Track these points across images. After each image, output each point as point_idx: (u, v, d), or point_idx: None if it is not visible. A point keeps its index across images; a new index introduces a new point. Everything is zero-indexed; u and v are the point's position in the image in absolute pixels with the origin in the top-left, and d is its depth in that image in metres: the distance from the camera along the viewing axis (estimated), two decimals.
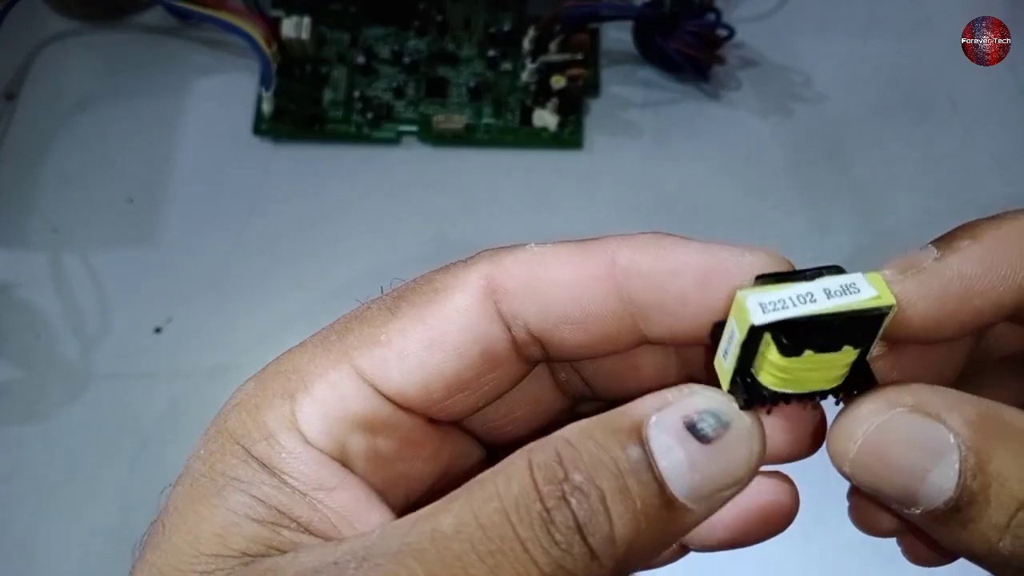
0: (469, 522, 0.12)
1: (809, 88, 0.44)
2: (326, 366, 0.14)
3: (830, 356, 0.13)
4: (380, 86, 0.43)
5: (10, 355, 0.38)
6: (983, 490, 0.12)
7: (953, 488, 0.13)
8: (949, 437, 0.13)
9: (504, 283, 0.14)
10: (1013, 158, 0.43)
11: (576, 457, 0.12)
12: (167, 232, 0.41)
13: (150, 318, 0.39)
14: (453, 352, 0.14)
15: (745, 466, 0.13)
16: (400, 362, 0.14)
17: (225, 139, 0.42)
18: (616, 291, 0.14)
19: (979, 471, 0.12)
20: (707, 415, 0.13)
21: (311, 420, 0.14)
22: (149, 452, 0.37)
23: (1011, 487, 0.12)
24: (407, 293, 0.15)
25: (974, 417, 0.13)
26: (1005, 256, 0.13)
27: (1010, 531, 0.12)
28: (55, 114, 0.43)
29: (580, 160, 0.42)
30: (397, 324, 0.14)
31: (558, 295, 0.14)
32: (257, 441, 0.14)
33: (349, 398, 0.14)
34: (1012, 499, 0.12)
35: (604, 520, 0.12)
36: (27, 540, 0.35)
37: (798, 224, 0.41)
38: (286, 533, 0.13)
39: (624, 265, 0.14)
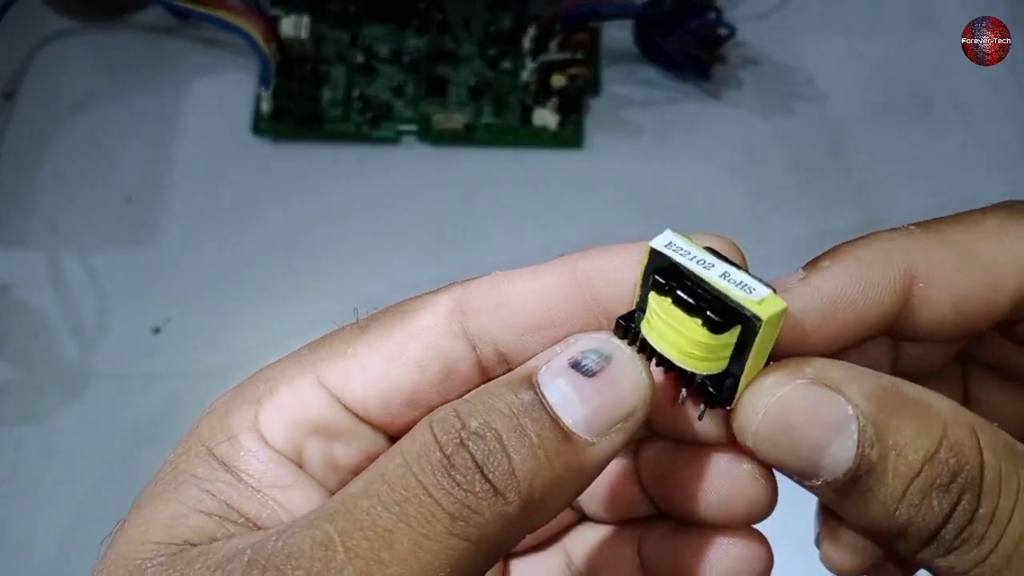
0: (375, 480, 0.12)
1: (810, 87, 0.44)
2: (292, 375, 0.15)
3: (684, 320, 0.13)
4: (379, 85, 0.43)
5: (9, 355, 0.38)
6: (881, 460, 0.13)
7: (852, 459, 0.13)
8: (848, 408, 0.13)
9: (471, 302, 0.15)
10: (1014, 157, 0.43)
11: (471, 409, 0.13)
12: (166, 232, 0.40)
13: (149, 318, 0.39)
14: (414, 366, 0.15)
15: (634, 393, 0.13)
16: (361, 373, 0.15)
17: (224, 138, 0.42)
18: (579, 295, 0.15)
19: (877, 441, 0.13)
20: (590, 352, 0.13)
21: (271, 423, 0.14)
22: (148, 452, 0.37)
23: (908, 457, 0.13)
24: (379, 315, 0.15)
25: (874, 389, 0.13)
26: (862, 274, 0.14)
27: (906, 500, 0.13)
28: (54, 113, 0.43)
29: (580, 159, 0.42)
30: (365, 340, 0.15)
31: (521, 305, 0.15)
32: (220, 442, 0.14)
33: (309, 404, 0.15)
34: (909, 468, 0.13)
35: (502, 457, 0.12)
36: (26, 540, 0.35)
37: (798, 223, 0.41)
38: (230, 527, 0.13)
39: (584, 269, 0.15)
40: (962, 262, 0.14)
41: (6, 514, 0.36)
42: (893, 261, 0.14)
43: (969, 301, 0.14)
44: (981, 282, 0.14)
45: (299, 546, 0.12)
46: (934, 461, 0.13)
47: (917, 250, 0.14)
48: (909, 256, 0.14)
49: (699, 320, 0.13)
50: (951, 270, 0.14)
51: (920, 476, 0.13)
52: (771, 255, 0.41)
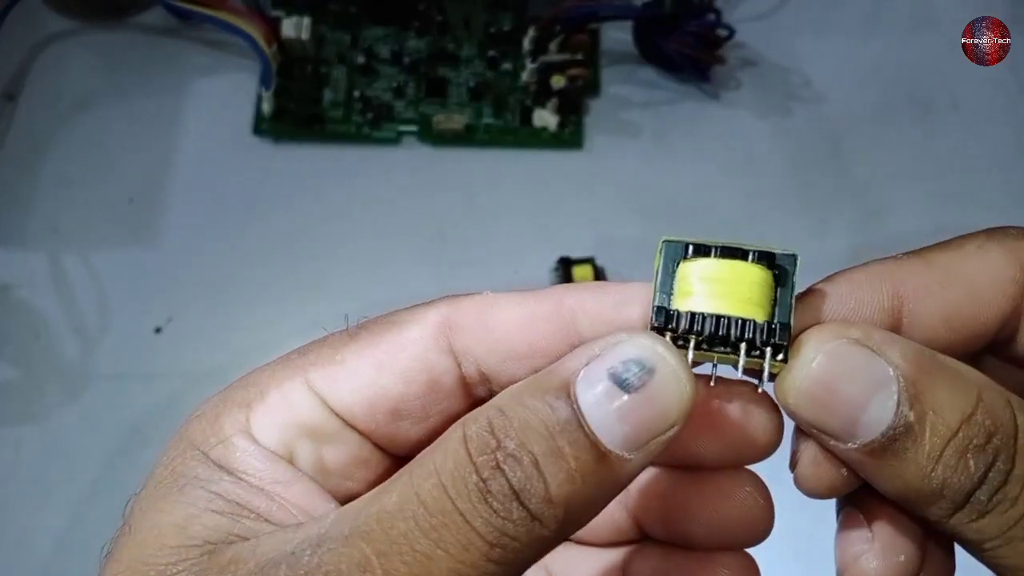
0: (411, 499, 0.12)
1: (809, 88, 0.44)
2: (282, 378, 0.15)
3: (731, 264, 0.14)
4: (380, 86, 0.43)
5: (10, 355, 0.38)
6: (919, 419, 0.13)
7: (892, 417, 0.13)
8: (889, 369, 0.13)
9: (459, 320, 0.15)
10: (1013, 157, 0.43)
11: (507, 424, 0.12)
12: (167, 232, 0.41)
13: (150, 318, 0.39)
14: (400, 376, 0.15)
15: (676, 408, 0.13)
16: (349, 379, 0.15)
17: (225, 139, 0.42)
18: (563, 329, 0.15)
19: (916, 401, 0.13)
20: (631, 363, 0.13)
21: (262, 424, 0.15)
22: (148, 452, 0.36)
23: (945, 417, 0.13)
24: (369, 324, 0.16)
25: (914, 353, 0.14)
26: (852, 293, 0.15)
27: (943, 460, 0.13)
28: (55, 114, 0.43)
29: (580, 160, 0.42)
30: (354, 347, 0.15)
31: (507, 331, 0.15)
32: (214, 445, 0.14)
33: (298, 407, 0.15)
34: (946, 428, 0.13)
35: (539, 483, 0.12)
36: (26, 540, 0.35)
37: (797, 224, 0.41)
38: (246, 522, 0.14)
39: (571, 304, 0.15)
40: (946, 279, 0.15)
41: (6, 514, 0.36)
42: (881, 281, 0.15)
43: (958, 316, 0.15)
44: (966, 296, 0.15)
45: (336, 565, 0.12)
46: (971, 422, 0.13)
47: (903, 271, 0.15)
48: (896, 276, 0.15)
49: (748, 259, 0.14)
50: (936, 287, 0.15)
51: (957, 436, 0.13)
52: None
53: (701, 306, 0.14)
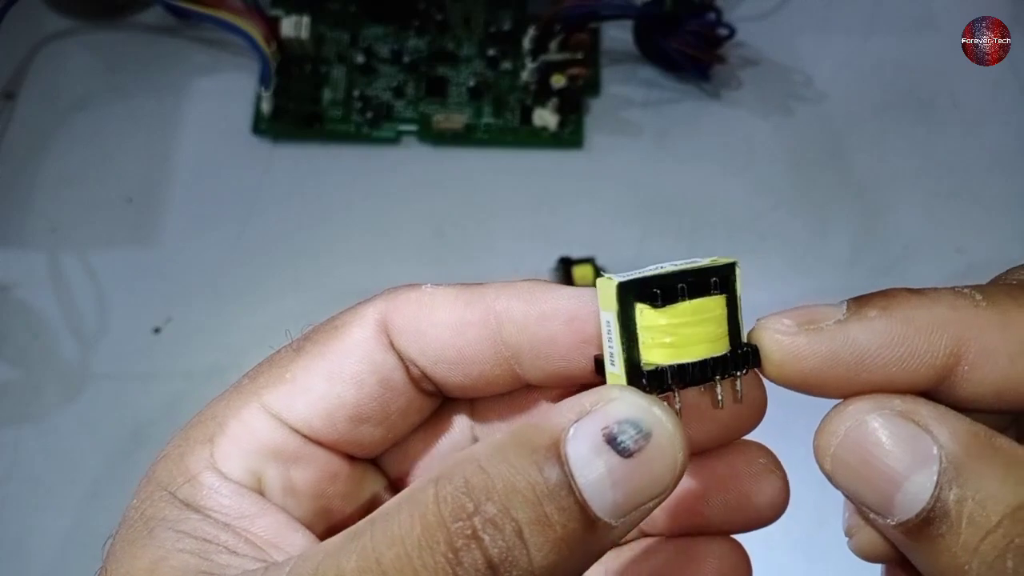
0: (371, 567, 0.11)
1: (810, 87, 0.44)
2: (238, 407, 0.15)
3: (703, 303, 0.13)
4: (379, 85, 0.43)
5: (8, 355, 0.38)
6: (958, 506, 0.12)
7: (928, 498, 0.12)
8: (933, 448, 0.12)
9: (394, 320, 0.15)
10: (1014, 157, 0.43)
11: (489, 485, 0.11)
12: (166, 232, 0.40)
13: (149, 318, 0.39)
14: (352, 382, 0.15)
15: (669, 476, 0.12)
16: (303, 395, 0.15)
17: (224, 138, 0.42)
18: (491, 337, 0.14)
19: (957, 485, 0.12)
20: (627, 425, 0.12)
21: (227, 457, 0.15)
22: (147, 452, 0.36)
23: (988, 508, 0.12)
24: (312, 334, 0.15)
25: (963, 433, 0.13)
26: (907, 340, 0.13)
27: (979, 554, 0.12)
28: (54, 113, 0.43)
29: (580, 159, 0.42)
30: (301, 362, 0.15)
31: (437, 337, 0.15)
32: (181, 485, 0.14)
33: (259, 432, 0.15)
34: (986, 520, 0.12)
35: (522, 555, 0.11)
36: (24, 540, 0.35)
37: (798, 223, 0.41)
38: (216, 557, 0.13)
39: (499, 311, 0.14)
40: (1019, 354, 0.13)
41: (5, 514, 0.35)
42: (945, 334, 0.13)
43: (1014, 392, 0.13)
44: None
45: None
46: (1015, 517, 0.12)
47: (975, 328, 0.13)
48: (964, 333, 0.13)
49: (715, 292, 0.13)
50: (1005, 360, 0.13)
51: (998, 531, 0.12)
52: (770, 254, 0.41)
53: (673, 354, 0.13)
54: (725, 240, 0.41)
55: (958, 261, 0.41)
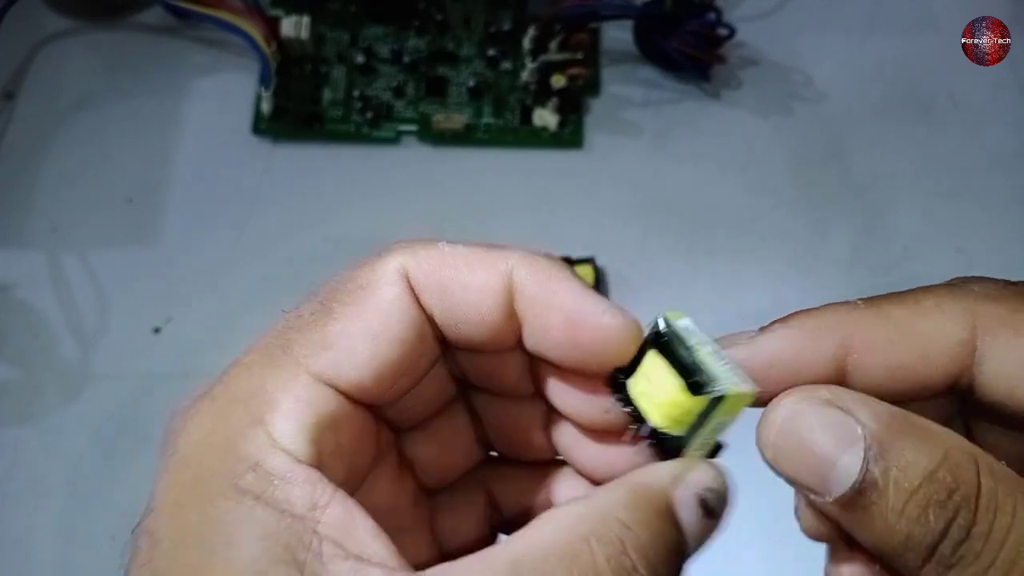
0: None
1: (810, 87, 0.44)
2: (285, 380, 0.15)
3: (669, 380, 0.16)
4: (379, 85, 0.43)
5: (8, 355, 0.38)
6: (884, 475, 0.14)
7: (858, 473, 0.14)
8: (857, 428, 0.14)
9: (417, 277, 0.16)
10: (1014, 157, 0.43)
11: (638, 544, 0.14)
12: (166, 232, 0.41)
13: (149, 318, 0.39)
14: (396, 340, 0.15)
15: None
16: (350, 358, 0.15)
17: (224, 138, 0.42)
18: (506, 304, 0.16)
19: (881, 458, 0.14)
20: (711, 492, 0.15)
21: (289, 435, 0.14)
22: (147, 452, 0.37)
23: (908, 473, 0.14)
24: (335, 294, 0.16)
25: (882, 413, 0.14)
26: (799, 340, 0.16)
27: (905, 513, 0.14)
28: (54, 113, 0.43)
29: (580, 159, 0.42)
30: (337, 326, 0.15)
31: (462, 298, 0.16)
32: (243, 475, 0.13)
33: (315, 403, 0.15)
34: (909, 484, 0.14)
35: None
36: (24, 540, 0.35)
37: (798, 223, 0.41)
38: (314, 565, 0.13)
39: (517, 282, 0.16)
40: (896, 336, 0.16)
41: (5, 513, 0.36)
42: (831, 331, 0.16)
43: (903, 373, 0.16)
44: (913, 355, 0.15)
45: None
46: (932, 479, 0.14)
47: (855, 323, 0.16)
48: (847, 328, 0.16)
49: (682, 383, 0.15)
50: (884, 343, 0.16)
51: (919, 492, 0.14)
52: (770, 254, 0.41)
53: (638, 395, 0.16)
54: (725, 240, 0.41)
55: (958, 261, 0.41)
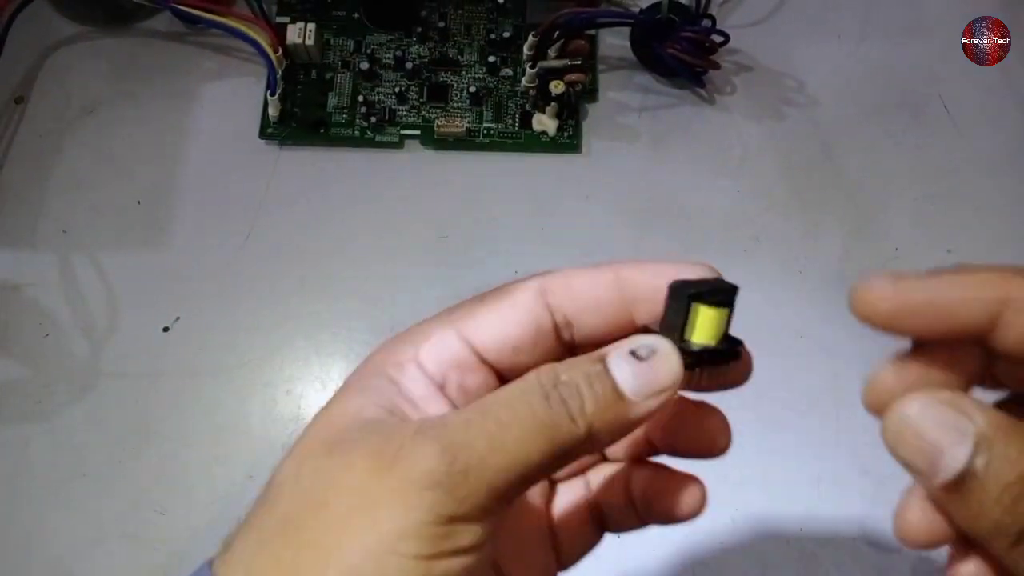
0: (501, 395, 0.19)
1: (802, 92, 0.45)
2: (438, 328, 0.22)
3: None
4: (383, 91, 0.44)
5: (19, 354, 0.39)
6: (985, 468, 0.16)
7: (964, 463, 0.16)
8: (970, 426, 0.17)
9: (550, 286, 0.22)
10: (1004, 160, 0.44)
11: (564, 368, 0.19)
12: (175, 234, 0.41)
13: (158, 318, 0.39)
14: (516, 324, 0.21)
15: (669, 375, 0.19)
16: (485, 328, 0.21)
17: (232, 142, 0.43)
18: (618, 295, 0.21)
19: (986, 453, 0.16)
20: (643, 346, 0.19)
21: (426, 357, 0.21)
22: (156, 450, 0.37)
23: (1006, 470, 0.16)
24: (489, 293, 0.22)
25: (992, 417, 0.17)
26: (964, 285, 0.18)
27: (1000, 502, 0.16)
28: (64, 118, 0.43)
29: (578, 163, 0.43)
30: (484, 308, 0.22)
31: (581, 293, 0.21)
32: (390, 366, 0.21)
33: (452, 348, 0.21)
34: (1006, 478, 0.16)
35: (578, 399, 0.18)
36: (33, 537, 0.36)
37: (791, 225, 0.42)
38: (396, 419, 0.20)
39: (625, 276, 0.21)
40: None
41: (14, 511, 0.36)
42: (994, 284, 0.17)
43: None
44: None
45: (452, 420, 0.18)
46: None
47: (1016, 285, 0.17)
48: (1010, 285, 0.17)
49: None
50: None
51: (1013, 486, 0.16)
52: (764, 255, 0.42)
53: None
54: (719, 241, 0.42)
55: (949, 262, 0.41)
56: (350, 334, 0.39)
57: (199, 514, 0.36)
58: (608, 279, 0.21)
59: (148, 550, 0.36)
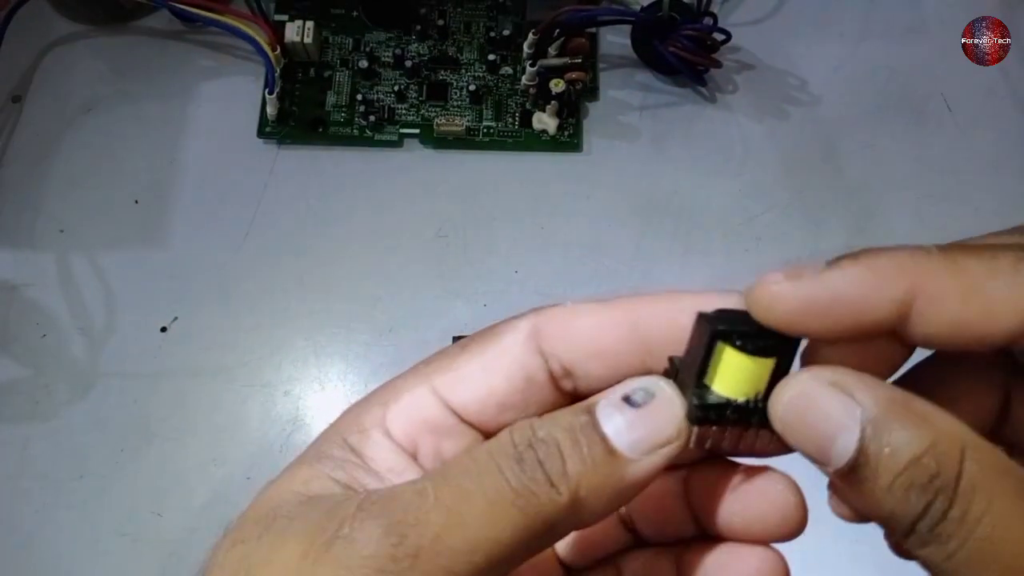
0: (465, 459, 0.16)
1: (804, 91, 0.45)
2: (412, 385, 0.18)
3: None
4: (382, 89, 0.44)
5: (17, 354, 0.39)
6: (876, 456, 0.15)
7: (854, 451, 0.15)
8: (857, 410, 0.15)
9: (545, 327, 0.18)
10: (1005, 160, 0.44)
11: (541, 423, 0.16)
12: (173, 233, 0.41)
13: (156, 317, 0.39)
14: (503, 375, 0.18)
15: (671, 424, 0.16)
16: (464, 383, 0.18)
17: (230, 141, 0.43)
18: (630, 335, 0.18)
19: (876, 440, 0.15)
20: (639, 389, 0.16)
21: (395, 421, 0.18)
22: (155, 450, 0.37)
23: (897, 457, 0.15)
24: (475, 336, 0.19)
25: (881, 397, 0.15)
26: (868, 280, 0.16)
27: (891, 492, 0.15)
28: (62, 116, 0.43)
29: (579, 162, 0.43)
30: (465, 357, 0.18)
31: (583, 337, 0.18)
32: (353, 433, 0.18)
33: (425, 408, 0.18)
34: (896, 466, 0.15)
35: (558, 459, 0.15)
36: (33, 537, 0.36)
37: (793, 225, 0.42)
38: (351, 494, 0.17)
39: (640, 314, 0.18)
40: (967, 293, 0.15)
41: (15, 510, 0.36)
42: (902, 275, 0.16)
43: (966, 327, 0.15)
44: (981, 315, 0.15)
45: (402, 492, 0.16)
46: (918, 463, 0.15)
47: (928, 271, 0.16)
48: (918, 275, 0.15)
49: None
50: (954, 298, 0.15)
51: (904, 474, 0.15)
52: (765, 254, 0.41)
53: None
54: (720, 241, 0.42)
55: None
56: (349, 334, 0.39)
57: (197, 515, 0.36)
58: (616, 319, 0.18)
59: (146, 550, 0.35)
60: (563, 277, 0.40)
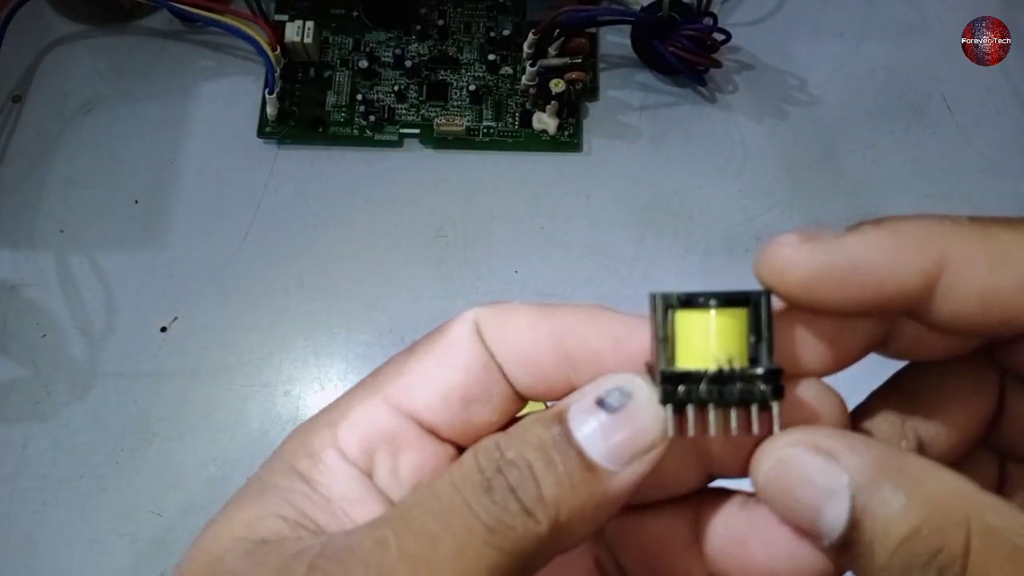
0: (426, 495, 0.14)
1: (804, 91, 0.45)
2: (362, 398, 0.17)
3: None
4: (382, 89, 0.44)
5: (17, 354, 0.39)
6: (868, 531, 0.13)
7: (843, 525, 0.13)
8: (843, 477, 0.14)
9: (484, 322, 0.17)
10: (1006, 160, 0.44)
11: (509, 441, 0.14)
12: (172, 233, 0.41)
13: (155, 317, 0.39)
14: (460, 367, 0.16)
15: (653, 427, 0.14)
16: (420, 383, 0.16)
17: (230, 141, 0.43)
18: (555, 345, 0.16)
19: (866, 513, 0.13)
20: (613, 390, 0.14)
21: (347, 440, 0.16)
22: (154, 450, 0.37)
23: (891, 530, 0.13)
24: (421, 339, 0.17)
25: (870, 461, 0.14)
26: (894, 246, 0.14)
27: (889, 570, 0.13)
28: (61, 116, 0.43)
29: (579, 162, 0.43)
30: (414, 358, 0.17)
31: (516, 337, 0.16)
32: (301, 458, 0.16)
33: (379, 420, 0.16)
34: (891, 541, 0.13)
35: (532, 483, 0.14)
36: (32, 537, 0.36)
37: (793, 225, 0.42)
38: (302, 532, 0.15)
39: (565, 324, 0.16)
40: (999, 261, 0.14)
41: (14, 510, 0.36)
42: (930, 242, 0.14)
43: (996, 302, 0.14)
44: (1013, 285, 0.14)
45: (360, 543, 0.14)
46: (916, 537, 0.13)
47: (958, 239, 0.14)
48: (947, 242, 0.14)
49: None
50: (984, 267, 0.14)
51: (900, 551, 0.13)
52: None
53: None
54: (721, 241, 0.42)
55: None
56: (349, 334, 0.39)
57: (197, 515, 0.36)
58: (547, 329, 0.16)
59: (146, 550, 0.35)
60: (563, 277, 0.40)
